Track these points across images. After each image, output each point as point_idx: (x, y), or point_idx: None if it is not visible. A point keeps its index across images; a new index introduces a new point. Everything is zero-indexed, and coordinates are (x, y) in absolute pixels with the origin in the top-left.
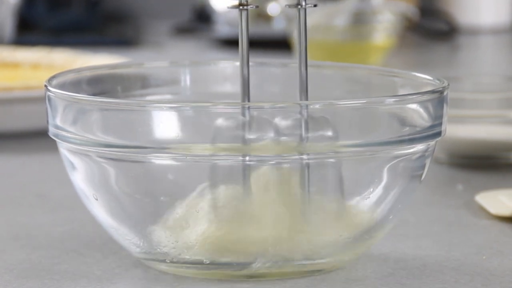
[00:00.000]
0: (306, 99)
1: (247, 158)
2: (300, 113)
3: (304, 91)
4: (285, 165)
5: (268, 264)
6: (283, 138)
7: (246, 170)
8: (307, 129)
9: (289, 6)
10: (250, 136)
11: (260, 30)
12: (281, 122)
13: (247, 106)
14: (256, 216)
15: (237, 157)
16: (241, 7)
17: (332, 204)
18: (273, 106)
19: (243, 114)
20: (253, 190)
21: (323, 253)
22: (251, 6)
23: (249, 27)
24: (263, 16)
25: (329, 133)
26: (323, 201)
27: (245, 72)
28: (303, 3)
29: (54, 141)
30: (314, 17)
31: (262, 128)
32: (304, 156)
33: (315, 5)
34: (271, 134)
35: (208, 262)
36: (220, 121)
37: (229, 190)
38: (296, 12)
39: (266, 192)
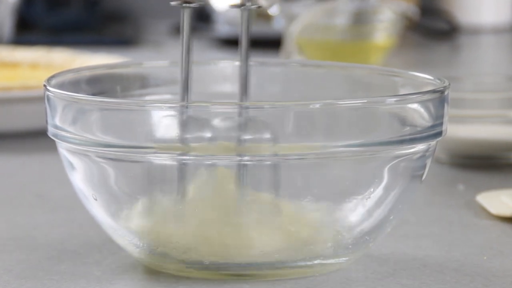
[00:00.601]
0: (246, 99)
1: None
2: (240, 114)
3: (245, 92)
4: (222, 166)
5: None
6: (221, 139)
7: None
8: (245, 131)
9: (233, 6)
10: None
11: (260, 29)
12: (219, 123)
13: (185, 105)
14: (188, 216)
15: (176, 156)
16: (242, 6)
17: (267, 206)
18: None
19: (240, 114)
20: (188, 190)
21: (322, 254)
22: (253, 6)
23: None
24: (263, 16)
25: (267, 136)
26: (258, 203)
27: (244, 71)
28: (247, 4)
29: (53, 141)
30: (313, 16)
31: (201, 129)
32: (244, 158)
33: (259, 7)
34: (208, 135)
35: (207, 263)
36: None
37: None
38: (240, 12)
39: (201, 192)
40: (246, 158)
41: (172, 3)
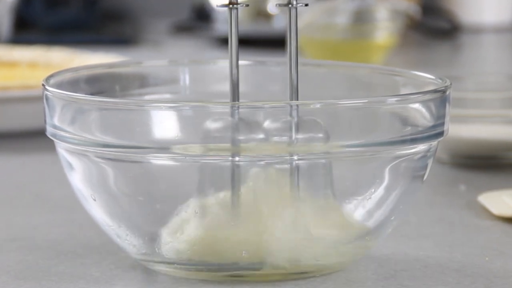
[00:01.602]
0: (297, 99)
1: (236, 158)
2: (290, 114)
3: (295, 92)
4: (275, 167)
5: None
6: (274, 139)
7: (235, 171)
8: (297, 131)
9: (280, 5)
10: (240, 137)
11: (260, 28)
12: (271, 124)
13: (236, 106)
14: (243, 219)
15: (227, 157)
16: (231, 5)
17: (323, 206)
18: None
19: (233, 115)
20: (242, 192)
21: (323, 254)
22: (241, 5)
23: (249, 25)
24: (263, 15)
25: (320, 135)
26: (313, 204)
27: (235, 72)
28: (294, 2)
29: (52, 141)
30: (314, 15)
31: (252, 130)
32: (295, 157)
33: (306, 5)
34: (261, 136)
35: (207, 265)
36: (209, 122)
37: (218, 193)
38: (287, 11)
39: (255, 195)
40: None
41: (218, 5)
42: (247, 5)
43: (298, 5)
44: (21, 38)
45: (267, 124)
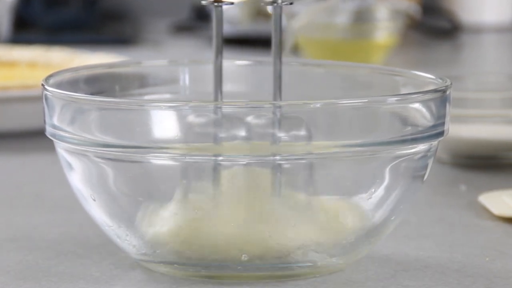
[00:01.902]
0: (280, 98)
1: (219, 158)
2: (273, 112)
3: (278, 89)
4: (257, 166)
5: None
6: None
7: (217, 170)
8: (279, 129)
9: (265, 3)
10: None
11: (260, 28)
12: (253, 121)
13: (218, 105)
14: (223, 217)
15: (209, 156)
16: (216, 3)
17: (303, 205)
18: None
19: (215, 113)
20: (223, 190)
21: (323, 254)
22: (226, 3)
23: (249, 25)
24: (262, 14)
25: (302, 133)
26: (294, 201)
27: (218, 69)
28: (279, 1)
29: (52, 141)
30: (312, 14)
31: (234, 127)
32: (277, 157)
33: (291, 3)
34: (243, 133)
35: (205, 264)
36: (191, 119)
37: (199, 191)
38: (272, 9)
39: (236, 192)
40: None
41: (203, 2)
42: (232, 3)
43: (283, 3)
44: (20, 38)
45: (249, 121)
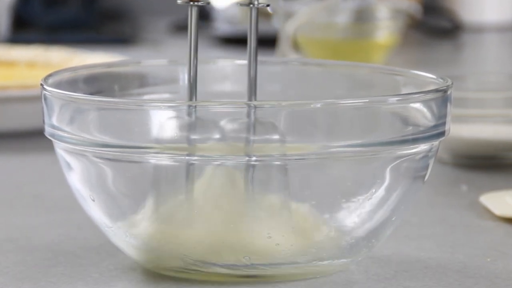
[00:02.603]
0: (255, 98)
1: (192, 158)
2: (248, 115)
3: (253, 91)
4: (230, 166)
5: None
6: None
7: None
8: (253, 132)
9: (241, 4)
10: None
11: (260, 28)
12: (227, 125)
13: (193, 105)
14: (196, 217)
15: (182, 157)
16: (191, 3)
17: (276, 207)
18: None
19: (189, 114)
20: (196, 191)
21: (323, 255)
22: (202, 2)
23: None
24: (262, 14)
25: (276, 137)
26: (266, 203)
27: (193, 71)
28: (256, 2)
29: (51, 141)
30: (309, 14)
31: (208, 130)
32: (251, 158)
33: (267, 5)
34: (217, 136)
35: (204, 264)
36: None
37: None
38: (248, 11)
39: (208, 193)
40: (253, 158)
41: (179, 1)
42: (208, 3)
43: (260, 5)
44: (19, 37)
45: (223, 124)
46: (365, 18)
